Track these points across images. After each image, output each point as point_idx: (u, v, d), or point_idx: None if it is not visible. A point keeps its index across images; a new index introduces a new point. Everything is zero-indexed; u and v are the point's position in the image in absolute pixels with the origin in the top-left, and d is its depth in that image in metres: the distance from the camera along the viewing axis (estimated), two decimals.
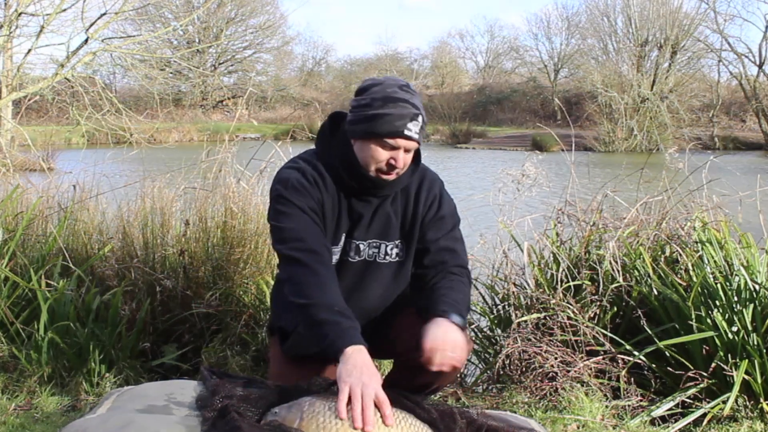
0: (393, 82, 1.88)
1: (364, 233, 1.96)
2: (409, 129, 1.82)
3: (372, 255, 1.98)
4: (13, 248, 3.03)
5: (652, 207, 3.07)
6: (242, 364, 2.76)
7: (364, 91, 1.88)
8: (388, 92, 1.84)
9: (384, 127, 1.81)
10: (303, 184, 1.88)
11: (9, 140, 8.31)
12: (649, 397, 2.52)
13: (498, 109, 36.00)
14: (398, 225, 1.98)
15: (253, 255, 3.07)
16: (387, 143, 1.83)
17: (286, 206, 1.86)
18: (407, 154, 1.87)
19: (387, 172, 1.87)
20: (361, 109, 1.85)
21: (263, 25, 36.48)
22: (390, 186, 1.93)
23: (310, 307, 1.73)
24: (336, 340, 1.64)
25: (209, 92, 34.97)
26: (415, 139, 1.84)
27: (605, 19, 32.33)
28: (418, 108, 1.85)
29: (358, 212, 1.94)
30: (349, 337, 1.64)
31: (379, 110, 1.82)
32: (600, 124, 26.17)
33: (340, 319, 1.69)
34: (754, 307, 2.49)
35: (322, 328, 1.69)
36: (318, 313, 1.72)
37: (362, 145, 1.87)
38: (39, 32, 9.14)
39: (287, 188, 1.87)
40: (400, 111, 1.81)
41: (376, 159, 1.85)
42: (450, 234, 2.00)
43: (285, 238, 1.85)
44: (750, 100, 28.80)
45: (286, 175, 1.91)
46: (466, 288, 1.96)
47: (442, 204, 2.01)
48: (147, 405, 1.67)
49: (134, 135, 8.22)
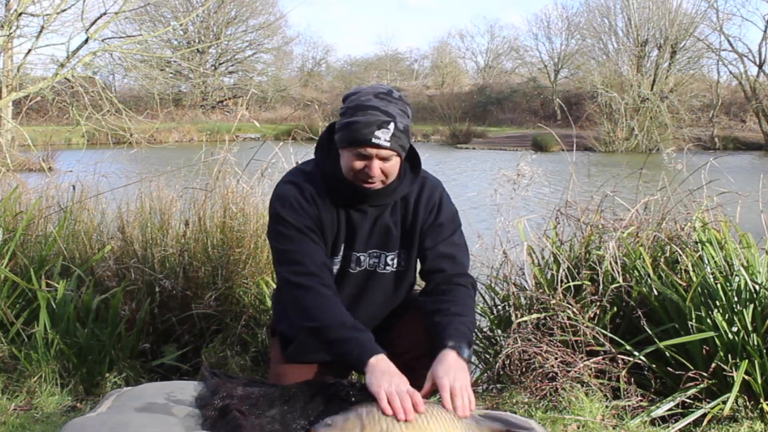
0: (371, 90, 1.85)
1: (364, 244, 1.95)
2: (377, 137, 1.78)
3: (372, 265, 1.97)
4: (13, 248, 3.03)
5: (652, 207, 3.07)
6: (242, 364, 2.76)
7: (344, 99, 1.88)
8: (362, 100, 1.81)
9: (351, 135, 1.80)
10: (300, 202, 1.88)
11: (9, 140, 8.30)
12: (649, 398, 2.52)
13: (498, 109, 36.00)
14: (399, 235, 1.97)
15: (252, 255, 3.07)
16: (358, 152, 1.81)
17: (284, 227, 1.87)
18: (385, 163, 1.82)
19: (365, 181, 1.85)
20: (340, 118, 1.85)
21: (263, 26, 36.51)
22: (385, 195, 1.91)
23: (322, 329, 1.77)
24: (358, 355, 1.69)
25: (209, 92, 34.98)
26: (385, 146, 1.79)
27: (605, 19, 32.35)
28: (390, 115, 1.79)
29: (356, 223, 1.93)
30: (369, 349, 1.70)
31: (349, 118, 1.81)
32: (600, 124, 26.16)
33: (355, 334, 1.74)
34: (754, 307, 2.48)
35: (340, 346, 1.74)
36: (331, 333, 1.76)
37: (342, 154, 1.86)
38: (39, 32, 9.14)
39: (284, 207, 1.87)
40: (367, 118, 1.78)
41: (350, 168, 1.84)
42: (449, 240, 1.98)
43: (285, 260, 1.87)
44: (750, 100, 28.80)
45: (284, 192, 1.91)
46: (471, 300, 1.94)
47: (441, 210, 1.99)
48: (147, 405, 1.67)
49: (134, 135, 8.23)
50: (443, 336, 1.77)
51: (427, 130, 30.77)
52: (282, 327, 2.07)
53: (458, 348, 1.73)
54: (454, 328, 1.79)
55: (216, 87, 34.53)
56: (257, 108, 34.49)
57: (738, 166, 17.06)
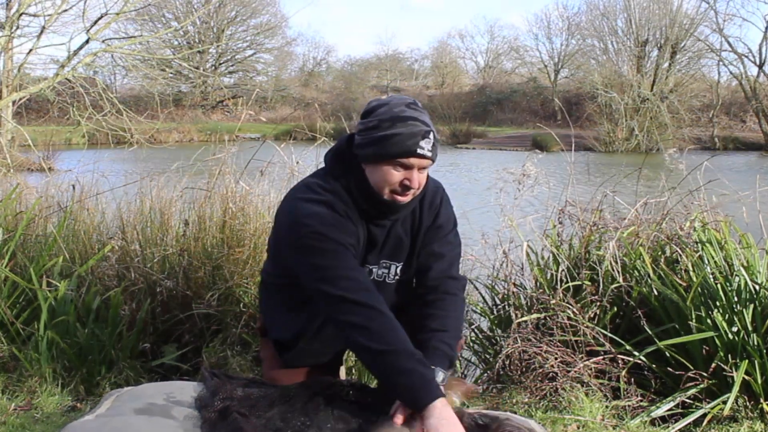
0: (399, 101, 1.83)
1: (377, 256, 1.91)
2: (421, 147, 1.75)
3: (381, 275, 1.93)
4: (13, 248, 3.03)
5: (652, 207, 3.07)
6: (242, 364, 2.76)
7: (370, 113, 1.82)
8: (396, 111, 1.77)
9: (395, 148, 1.75)
10: (339, 220, 1.79)
11: (9, 140, 8.31)
12: (649, 398, 2.52)
13: (498, 109, 36.01)
14: (409, 244, 1.95)
15: (252, 255, 3.07)
16: (400, 164, 1.77)
17: (325, 243, 1.74)
18: (422, 173, 1.81)
19: (402, 194, 1.81)
20: (369, 131, 1.79)
21: (265, 28, 36.51)
22: (405, 208, 1.88)
23: (390, 354, 1.67)
24: (422, 392, 1.63)
25: (209, 92, 35.00)
26: (428, 156, 1.78)
27: (605, 19, 32.34)
28: (428, 125, 1.78)
29: (376, 237, 1.89)
30: (435, 391, 1.64)
31: (388, 131, 1.75)
32: (600, 124, 26.17)
33: (421, 368, 1.67)
34: (754, 307, 2.48)
35: (405, 377, 1.65)
36: (399, 360, 1.67)
37: (374, 169, 1.80)
38: (40, 33, 9.16)
39: (324, 225, 1.76)
40: (410, 129, 1.75)
41: (389, 182, 1.79)
42: (444, 239, 1.96)
43: (333, 277, 1.73)
44: (750, 100, 28.80)
45: (316, 210, 1.78)
46: (456, 308, 1.91)
47: (439, 213, 1.97)
48: (146, 406, 1.67)
49: (134, 135, 8.24)
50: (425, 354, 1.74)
51: None
52: (275, 335, 2.02)
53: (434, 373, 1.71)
54: (432, 347, 1.78)
55: (216, 87, 34.53)
56: (257, 108, 34.51)
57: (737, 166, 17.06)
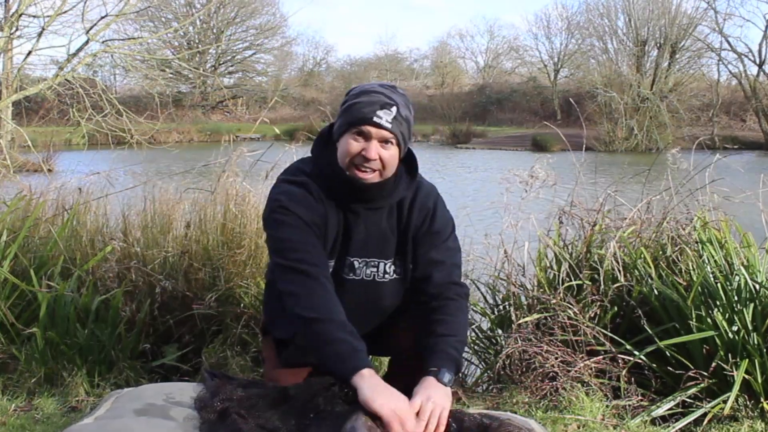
0: (376, 82, 1.89)
1: (359, 250, 1.90)
2: (378, 116, 1.77)
3: (371, 274, 1.92)
4: (15, 251, 3.03)
5: (653, 207, 3.07)
6: (242, 364, 2.76)
7: (347, 94, 1.89)
8: (366, 87, 1.84)
9: (352, 116, 1.79)
10: (308, 199, 1.83)
11: (9, 141, 8.31)
12: (649, 397, 2.52)
13: (498, 109, 36.03)
14: (395, 241, 1.93)
15: (252, 256, 3.07)
16: (358, 132, 1.79)
17: (288, 216, 1.80)
18: (384, 149, 1.80)
19: (361, 168, 1.81)
20: (340, 108, 1.86)
21: (265, 28, 36.52)
22: (381, 197, 1.87)
23: (322, 322, 1.69)
24: (353, 361, 1.63)
25: (209, 93, 35.01)
26: (386, 127, 1.77)
27: (605, 19, 32.35)
28: (392, 100, 1.79)
29: (351, 225, 1.89)
30: (363, 360, 1.64)
31: (351, 101, 1.82)
32: (600, 123, 26.17)
33: (353, 340, 1.67)
34: (755, 306, 2.48)
35: (335, 346, 1.66)
36: (330, 330, 1.68)
37: (341, 142, 1.84)
38: (40, 33, 9.13)
39: (292, 201, 1.81)
40: (371, 99, 1.79)
41: (349, 152, 1.80)
42: (442, 245, 1.93)
43: (287, 248, 1.78)
44: (750, 100, 28.82)
45: (290, 189, 1.85)
46: (461, 314, 1.88)
47: (435, 217, 1.94)
48: (146, 407, 1.66)
49: (134, 136, 8.24)
50: (428, 361, 1.74)
51: (427, 130, 30.78)
52: (277, 333, 2.02)
53: (439, 374, 1.70)
54: (440, 350, 1.76)
55: (216, 87, 34.54)
56: (257, 108, 34.53)
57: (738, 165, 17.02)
